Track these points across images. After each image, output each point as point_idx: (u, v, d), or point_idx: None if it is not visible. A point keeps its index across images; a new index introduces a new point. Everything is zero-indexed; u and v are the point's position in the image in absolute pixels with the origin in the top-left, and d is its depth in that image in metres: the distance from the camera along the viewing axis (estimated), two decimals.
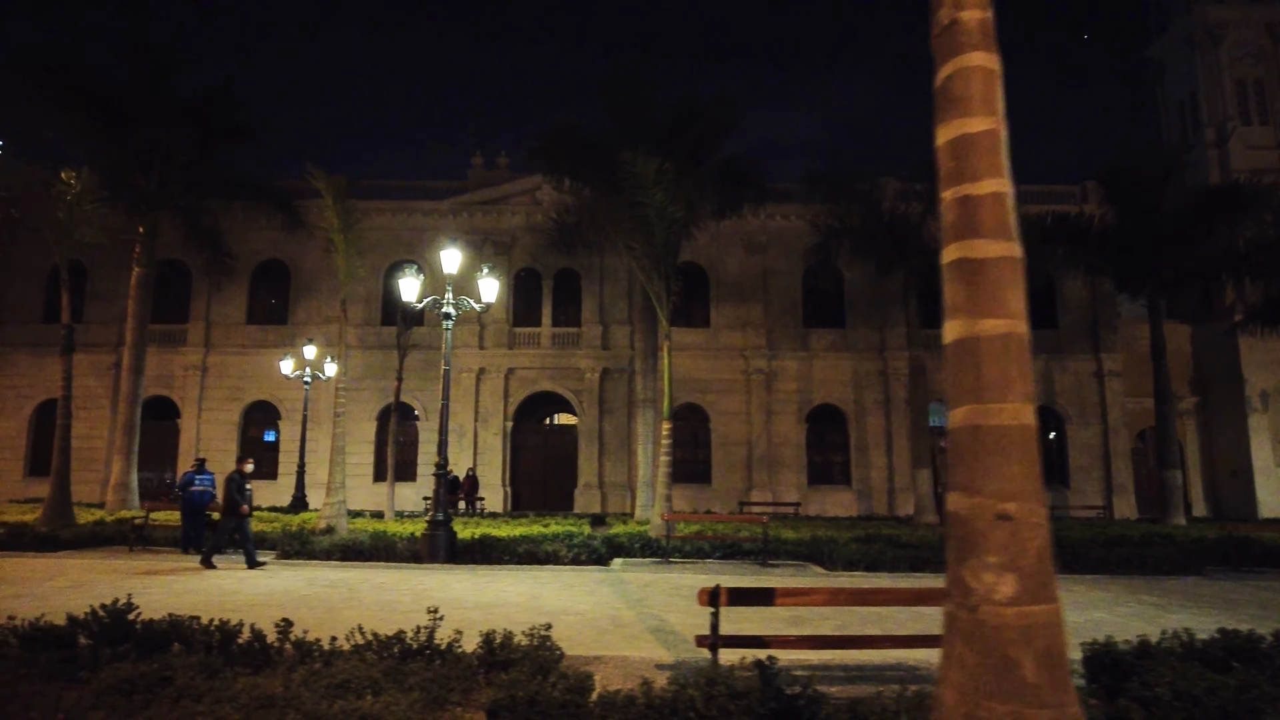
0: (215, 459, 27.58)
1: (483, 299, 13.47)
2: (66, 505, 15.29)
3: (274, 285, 29.74)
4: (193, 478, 12.58)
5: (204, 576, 10.10)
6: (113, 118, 18.79)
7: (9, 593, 8.44)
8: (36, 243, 30.07)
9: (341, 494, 15.35)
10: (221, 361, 28.88)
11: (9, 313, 29.34)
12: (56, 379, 29.50)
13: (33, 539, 12.24)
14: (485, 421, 28.49)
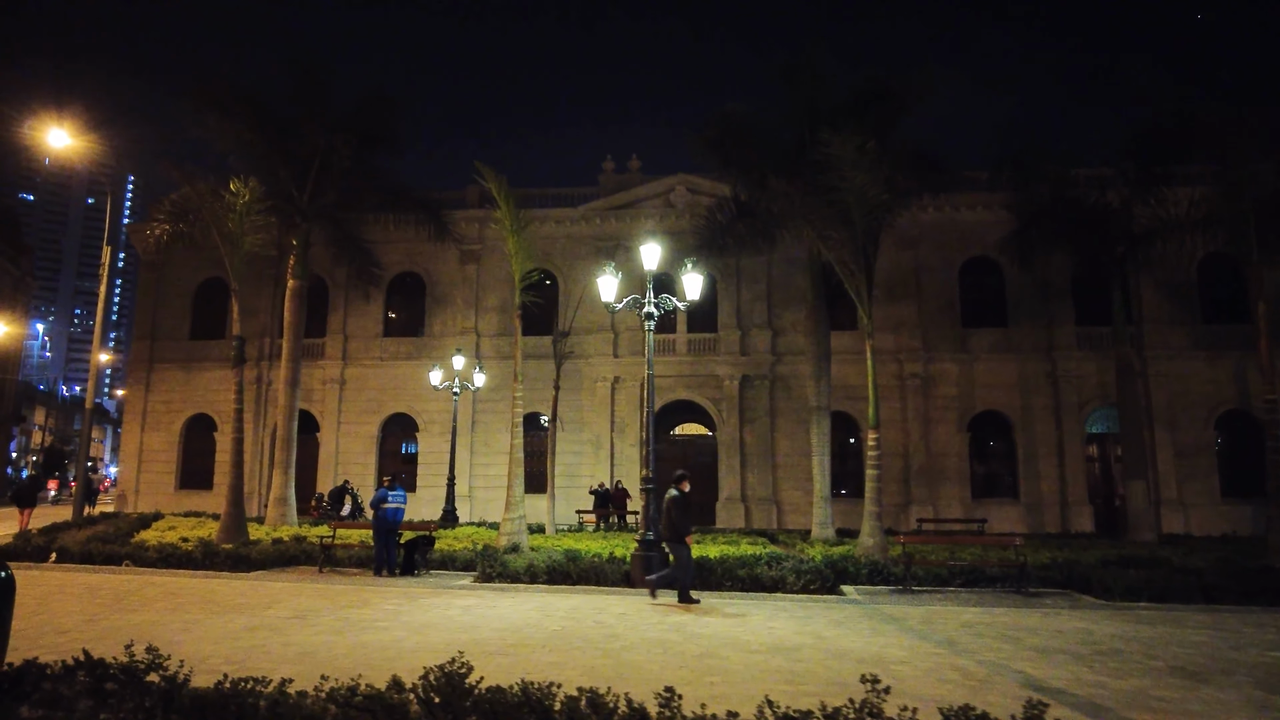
0: (354, 473, 27.65)
1: (686, 295, 12.27)
2: (241, 521, 14.92)
3: (409, 298, 29.63)
4: (385, 494, 11.81)
5: (422, 604, 9.19)
6: (272, 129, 18.67)
7: (242, 623, 7.68)
8: (183, 262, 31.12)
9: (521, 509, 14.46)
10: (359, 374, 28.88)
11: (160, 330, 30.14)
12: (204, 394, 30.37)
13: (226, 559, 11.72)
14: (622, 432, 27.53)
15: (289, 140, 18.96)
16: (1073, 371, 25.99)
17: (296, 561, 12.59)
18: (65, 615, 7.89)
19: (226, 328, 30.07)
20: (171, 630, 7.21)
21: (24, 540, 13.18)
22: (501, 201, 15.31)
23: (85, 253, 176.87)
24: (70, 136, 21.31)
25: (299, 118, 19.00)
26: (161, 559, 11.88)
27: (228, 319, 30.13)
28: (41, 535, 14.56)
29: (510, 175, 16.28)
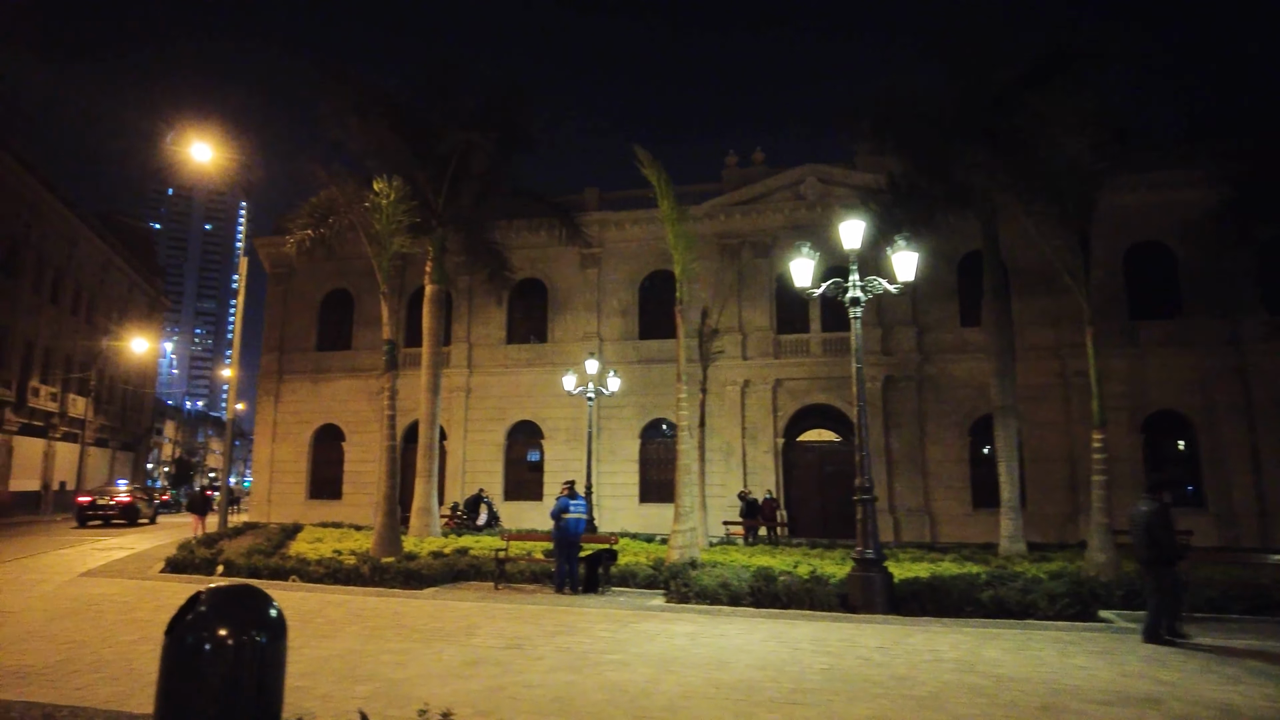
0: (482, 481, 27.17)
1: (898, 277, 10.87)
2: (396, 533, 14.30)
3: (530, 304, 29.11)
4: (566, 504, 10.82)
5: (635, 630, 8.13)
6: (409, 130, 18.28)
7: (455, 656, 6.72)
8: (309, 275, 31.52)
9: (692, 520, 13.29)
10: (484, 382, 28.49)
11: (288, 343, 30.54)
12: (331, 404, 30.57)
13: (396, 575, 10.97)
14: (754, 439, 26.11)
15: (425, 141, 18.51)
16: (1265, 366, 23.15)
17: (465, 576, 11.76)
18: None
19: (351, 338, 30.33)
20: (384, 664, 6.31)
21: (189, 552, 12.84)
22: (661, 189, 14.23)
23: (203, 277, 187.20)
24: (209, 149, 21.49)
25: (434, 118, 18.55)
26: (328, 574, 11.24)
27: (352, 329, 30.45)
28: (203, 546, 14.29)
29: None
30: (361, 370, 29.65)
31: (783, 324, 26.75)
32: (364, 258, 28.46)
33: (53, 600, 9.25)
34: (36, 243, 36.64)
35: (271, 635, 3.09)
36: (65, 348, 40.31)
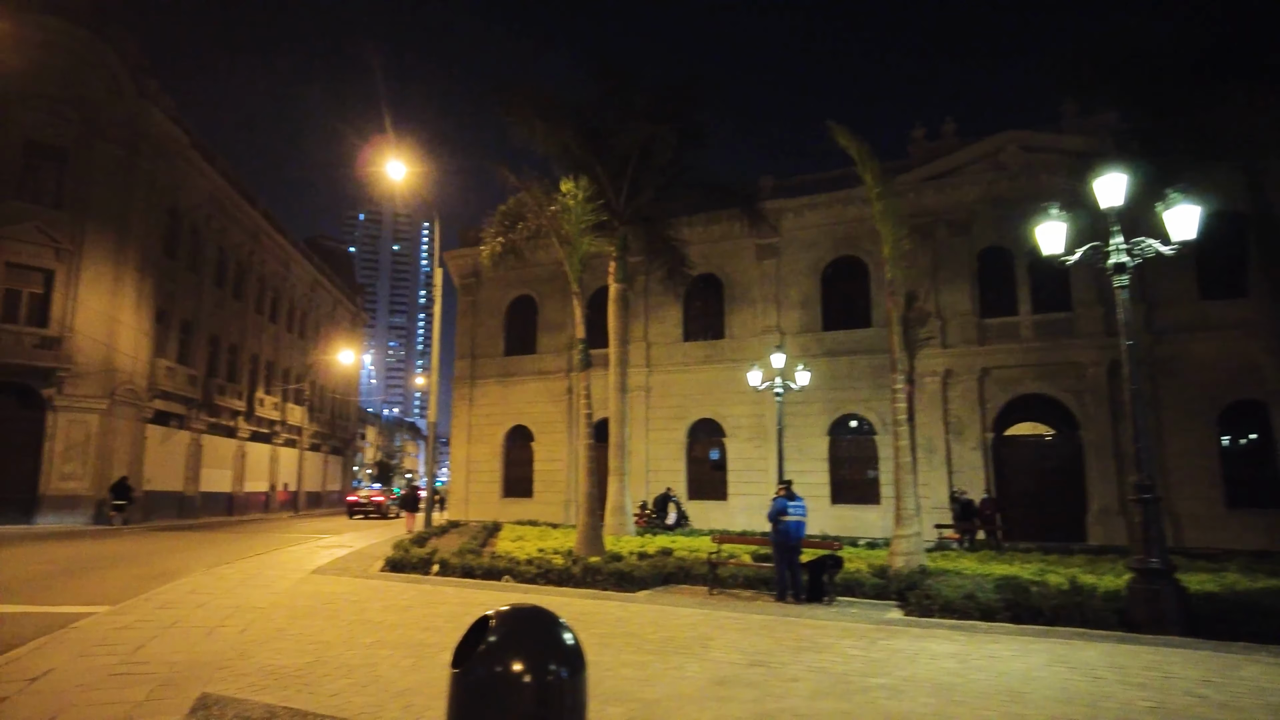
0: (666, 480, 26.84)
1: (1173, 235, 9.21)
2: (599, 533, 14.09)
3: (706, 300, 28.53)
4: (784, 505, 10.04)
5: (886, 648, 7.21)
6: (589, 129, 18.22)
7: (700, 673, 6.11)
8: (494, 285, 32.64)
9: (917, 524, 12.10)
10: (664, 381, 28.25)
11: (478, 349, 31.74)
12: (520, 406, 31.46)
13: (609, 577, 10.63)
14: (959, 434, 24.08)
15: (605, 140, 18.38)
16: None
17: (675, 579, 11.25)
18: None
19: (535, 342, 31.10)
20: (627, 680, 5.79)
21: (404, 551, 13.22)
22: (863, 161, 13.14)
23: (394, 294, 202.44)
24: (402, 166, 22.55)
25: (613, 116, 18.38)
26: (540, 574, 11.10)
27: (536, 334, 31.21)
28: (415, 545, 14.74)
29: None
30: (546, 373, 30.34)
31: (986, 307, 24.53)
32: (546, 264, 29.24)
33: (292, 597, 9.59)
34: (258, 267, 40.52)
35: (572, 667, 2.47)
36: (284, 361, 44.34)
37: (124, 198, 27.84)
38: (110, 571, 12.86)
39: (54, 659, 6.16)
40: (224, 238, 36.39)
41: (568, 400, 29.66)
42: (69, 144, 26.79)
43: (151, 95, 28.90)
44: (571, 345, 29.95)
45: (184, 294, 32.60)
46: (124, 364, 27.52)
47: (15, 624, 8.08)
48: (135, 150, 28.24)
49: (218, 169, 34.87)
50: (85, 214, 26.76)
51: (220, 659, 6.24)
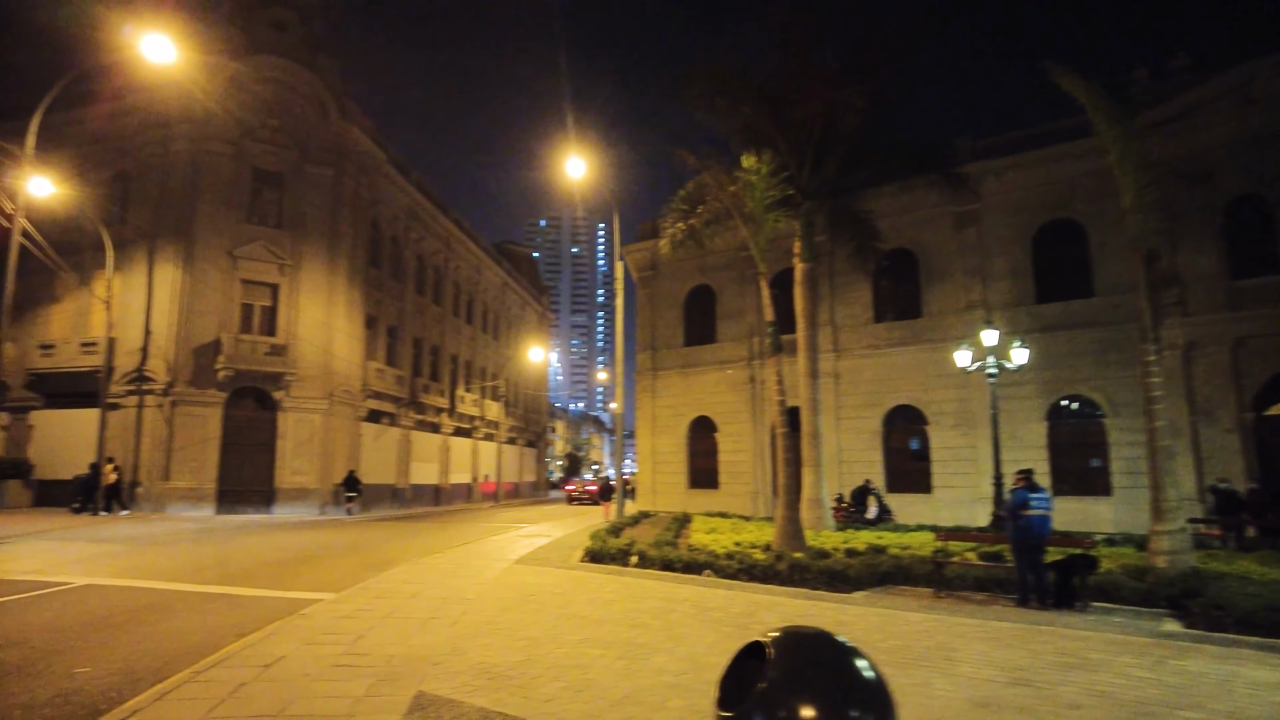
0: (861, 471, 25.39)
1: None
2: (798, 527, 13.26)
3: (897, 277, 26.61)
4: (1024, 497, 8.80)
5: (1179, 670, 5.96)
6: (771, 104, 17.35)
7: (954, 693, 5.26)
8: (671, 276, 32.47)
9: (1180, 519, 10.33)
10: (854, 366, 26.76)
11: (658, 341, 31.67)
12: (701, 397, 31.08)
13: (820, 575, 9.86)
14: (1207, 414, 20.88)
15: (787, 111, 17.42)
16: None
17: (892, 579, 10.24)
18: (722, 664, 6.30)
19: (715, 332, 30.59)
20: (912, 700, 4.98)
21: (602, 542, 13.09)
22: (1094, 103, 11.37)
23: (574, 294, 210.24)
24: (583, 163, 22.76)
25: (795, 85, 17.37)
26: (742, 570, 10.49)
27: (715, 323, 30.69)
28: (611, 535, 14.65)
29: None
30: (727, 362, 29.74)
31: (1238, 267, 21.08)
32: (723, 251, 28.62)
33: (498, 588, 9.60)
34: (452, 273, 42.93)
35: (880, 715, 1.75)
36: (480, 360, 46.79)
37: (333, 214, 30.28)
38: (334, 560, 13.70)
39: (285, 645, 6.31)
40: (421, 246, 38.83)
41: (750, 389, 28.90)
42: (285, 169, 29.49)
43: (352, 117, 31.21)
44: (752, 333, 29.22)
45: (389, 300, 35.08)
46: (340, 367, 29.96)
47: (256, 607, 8.58)
48: (340, 170, 30.62)
49: (412, 182, 37.21)
50: (301, 231, 29.36)
51: (434, 653, 6.13)
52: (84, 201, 26.17)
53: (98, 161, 29.13)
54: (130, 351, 26.65)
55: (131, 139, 28.86)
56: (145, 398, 26.35)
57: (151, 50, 14.75)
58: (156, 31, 14.83)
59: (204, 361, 26.89)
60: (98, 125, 29.47)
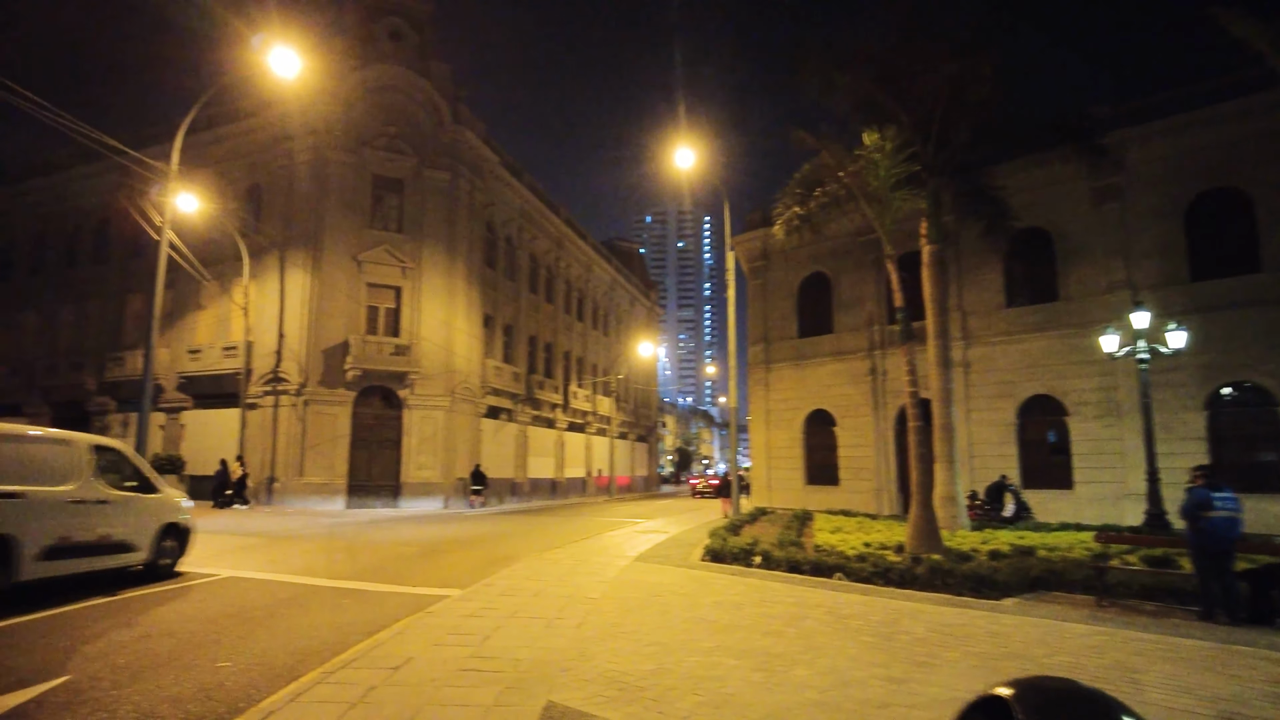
0: (995, 466, 23.88)
1: None
2: (934, 526, 12.44)
3: (1031, 258, 24.85)
4: (1206, 497, 7.78)
5: None
6: (892, 76, 16.39)
7: None
8: (783, 265, 31.60)
9: None
10: (984, 354, 25.19)
11: (771, 332, 30.89)
12: (818, 390, 30.11)
13: (964, 580, 9.08)
14: None
15: (908, 83, 16.41)
16: None
17: (1044, 585, 9.34)
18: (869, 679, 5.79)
19: (831, 322, 29.54)
20: None
21: (722, 541, 12.67)
22: None
23: (680, 288, 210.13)
24: (691, 154, 22.32)
25: (917, 55, 16.34)
26: (876, 573, 9.83)
27: (831, 313, 29.64)
28: (731, 534, 14.23)
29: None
30: (845, 353, 28.67)
31: None
32: (839, 237, 27.58)
33: (620, 587, 9.35)
34: (563, 271, 43.43)
35: None
36: (591, 357, 47.19)
37: (450, 217, 31.09)
38: (457, 554, 13.87)
39: (412, 646, 6.23)
40: (533, 246, 39.45)
41: (871, 381, 27.72)
42: (405, 175, 30.49)
43: (466, 121, 31.93)
44: (871, 322, 28.03)
45: (504, 300, 35.80)
46: (460, 365, 30.75)
47: (384, 603, 8.65)
48: (456, 173, 31.39)
49: (524, 183, 37.81)
50: (420, 235, 30.28)
51: (562, 658, 5.90)
52: (223, 215, 27.88)
53: (234, 177, 30.98)
54: (266, 354, 28.20)
55: (262, 154, 30.54)
56: (280, 398, 27.82)
57: (277, 65, 15.34)
58: (282, 47, 15.42)
59: (333, 362, 28.15)
60: (233, 143, 31.36)
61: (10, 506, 7.96)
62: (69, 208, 35.88)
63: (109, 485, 9.62)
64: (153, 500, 10.51)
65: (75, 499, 8.91)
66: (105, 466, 9.71)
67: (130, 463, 10.44)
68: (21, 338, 36.29)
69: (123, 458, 10.31)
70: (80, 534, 8.98)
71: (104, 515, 9.40)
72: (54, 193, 36.45)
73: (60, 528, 8.65)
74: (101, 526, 9.35)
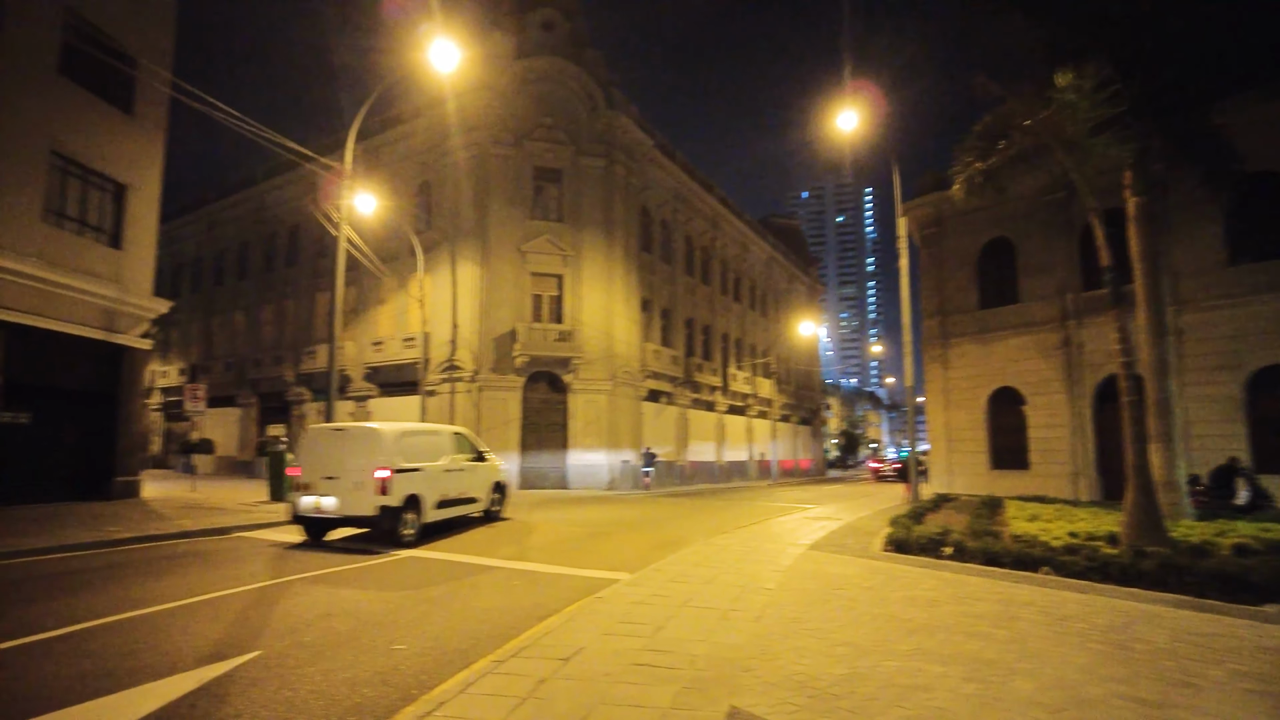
0: (1216, 447, 21.07)
1: None
2: (1155, 515, 10.82)
3: (1260, 208, 21.53)
4: None
5: None
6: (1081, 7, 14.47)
7: None
8: (959, 232, 29.29)
9: None
10: (1201, 321, 22.16)
11: (947, 305, 28.80)
12: (1003, 366, 27.64)
13: (1208, 580, 7.71)
14: None
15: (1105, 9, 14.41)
16: None
17: None
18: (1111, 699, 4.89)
19: (1016, 290, 27.11)
20: None
21: (905, 530, 11.69)
22: None
23: (841, 265, 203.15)
24: (855, 116, 21.00)
25: None
26: (1093, 568, 8.59)
27: (1016, 281, 27.18)
28: (911, 520, 13.18)
29: None
30: (1033, 325, 26.23)
31: None
32: (1024, 197, 25.15)
33: (796, 577, 8.73)
34: (719, 251, 42.78)
35: None
36: (750, 338, 46.31)
37: (606, 203, 31.28)
38: (624, 536, 13.72)
39: (582, 635, 5.95)
40: (688, 227, 39.07)
41: (1064, 354, 25.18)
42: (563, 164, 30.94)
43: (619, 106, 31.94)
44: (1063, 289, 25.46)
45: (660, 283, 35.70)
46: (620, 349, 30.96)
47: (553, 586, 8.53)
48: (611, 159, 31.51)
49: (678, 164, 37.45)
50: (579, 222, 30.66)
51: (742, 656, 5.40)
52: (397, 213, 29.48)
53: (406, 177, 32.69)
54: (441, 344, 29.60)
55: (430, 152, 31.99)
56: (456, 384, 29.13)
57: (439, 62, 15.71)
58: (442, 42, 15.76)
59: (503, 349, 29.12)
60: (404, 145, 33.08)
61: (418, 475, 12.52)
62: (267, 216, 39.40)
63: (463, 456, 14.65)
64: (485, 466, 15.58)
65: (447, 469, 13.75)
66: (459, 446, 14.69)
67: (470, 442, 15.39)
68: (234, 336, 40.40)
69: (466, 438, 15.27)
70: (452, 492, 13.85)
71: (462, 478, 14.37)
72: (254, 204, 40.16)
73: (441, 488, 13.38)
74: (461, 486, 14.33)
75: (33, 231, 16.15)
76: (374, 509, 11.56)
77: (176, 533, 12.26)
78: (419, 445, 13.00)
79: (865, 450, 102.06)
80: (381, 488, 11.59)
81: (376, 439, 11.94)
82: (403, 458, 12.16)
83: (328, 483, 11.83)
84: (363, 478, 11.64)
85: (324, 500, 11.82)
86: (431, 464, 13.10)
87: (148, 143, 19.06)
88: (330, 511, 11.77)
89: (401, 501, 11.85)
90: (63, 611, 6.83)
